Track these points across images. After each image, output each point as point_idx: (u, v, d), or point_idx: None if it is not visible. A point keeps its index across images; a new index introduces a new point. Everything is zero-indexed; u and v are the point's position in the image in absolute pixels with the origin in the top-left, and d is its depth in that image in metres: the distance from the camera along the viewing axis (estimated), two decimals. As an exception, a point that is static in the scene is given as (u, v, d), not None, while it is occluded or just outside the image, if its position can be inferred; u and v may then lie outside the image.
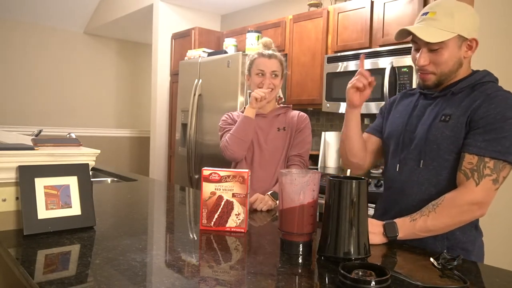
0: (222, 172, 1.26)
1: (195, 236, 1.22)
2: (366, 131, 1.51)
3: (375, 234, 1.15)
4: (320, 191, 1.08)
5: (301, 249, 1.05)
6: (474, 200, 1.13)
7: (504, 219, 2.49)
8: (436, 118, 1.23)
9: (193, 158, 3.74)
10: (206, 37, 4.25)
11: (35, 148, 1.23)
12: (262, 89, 1.77)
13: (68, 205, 1.21)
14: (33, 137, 1.87)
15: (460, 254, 1.14)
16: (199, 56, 3.80)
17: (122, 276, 0.87)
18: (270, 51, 1.83)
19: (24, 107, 5.37)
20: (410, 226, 1.16)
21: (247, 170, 1.26)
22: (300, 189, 1.02)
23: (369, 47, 2.88)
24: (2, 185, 1.17)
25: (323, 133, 3.32)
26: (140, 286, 0.82)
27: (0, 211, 1.17)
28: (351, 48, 3.00)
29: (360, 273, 0.84)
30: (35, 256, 1.00)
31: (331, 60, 3.04)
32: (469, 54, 1.23)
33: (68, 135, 2.43)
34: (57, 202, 1.20)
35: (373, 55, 2.76)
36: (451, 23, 1.17)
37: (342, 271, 0.83)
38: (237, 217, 1.25)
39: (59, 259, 0.98)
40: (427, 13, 1.21)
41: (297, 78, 3.40)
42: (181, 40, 4.38)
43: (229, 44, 3.75)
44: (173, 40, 4.48)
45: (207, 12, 4.81)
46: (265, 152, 1.82)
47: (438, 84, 1.25)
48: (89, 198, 1.25)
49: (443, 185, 1.21)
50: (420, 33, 1.18)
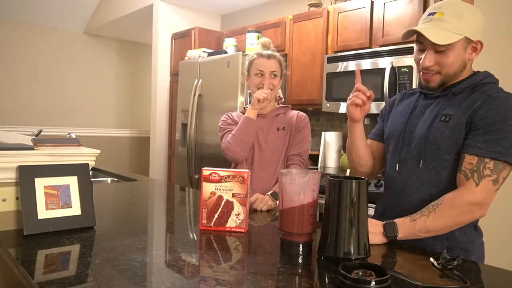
0: (222, 172, 1.26)
1: (195, 236, 1.22)
2: (368, 137, 1.51)
3: (375, 234, 1.15)
4: (320, 191, 1.08)
5: (301, 249, 1.05)
6: (474, 200, 1.13)
7: (504, 220, 2.50)
8: (436, 118, 1.23)
9: (193, 158, 3.74)
10: (206, 37, 4.25)
11: (35, 148, 1.23)
12: (264, 90, 1.77)
13: (68, 205, 1.22)
14: (33, 137, 1.87)
15: (460, 254, 1.14)
16: (199, 56, 3.80)
17: (122, 276, 0.87)
18: (269, 51, 1.83)
19: (24, 107, 5.37)
20: (410, 227, 1.16)
21: (247, 170, 1.26)
22: (300, 189, 1.02)
23: (369, 47, 2.88)
24: (2, 185, 1.17)
25: (323, 133, 3.32)
26: (140, 286, 0.82)
27: (0, 211, 1.17)
28: (351, 48, 3.00)
29: (360, 273, 0.84)
30: (35, 256, 1.00)
31: (331, 60, 3.04)
32: (473, 56, 1.23)
33: (68, 135, 2.43)
34: (57, 202, 1.20)
35: (373, 55, 2.76)
36: (459, 25, 1.16)
37: (342, 271, 0.83)
38: (237, 217, 1.25)
39: (59, 259, 0.98)
40: (434, 13, 1.20)
41: (297, 78, 3.40)
42: (181, 40, 4.38)
43: (229, 44, 3.76)
44: (173, 40, 4.48)
45: (207, 12, 4.81)
46: (265, 152, 1.82)
47: (442, 85, 1.25)
48: (89, 198, 1.25)
49: (443, 185, 1.21)
50: (428, 34, 1.17)
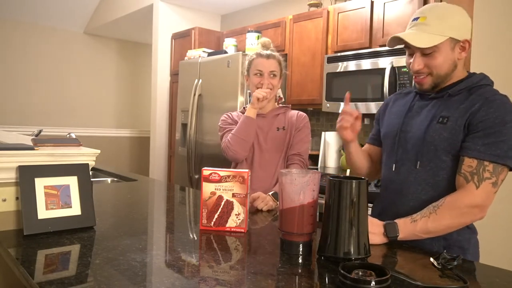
0: (222, 172, 1.26)
1: (195, 236, 1.22)
2: (367, 142, 1.55)
3: (376, 234, 1.15)
4: (320, 191, 1.08)
5: (301, 249, 1.05)
6: (474, 203, 1.14)
7: (502, 219, 2.50)
8: (433, 120, 1.24)
9: (193, 158, 3.74)
10: (206, 37, 4.25)
11: (35, 148, 1.23)
12: (263, 89, 1.77)
13: (68, 205, 1.21)
14: (33, 137, 1.87)
15: (457, 253, 1.17)
16: (199, 56, 3.80)
17: (122, 276, 0.87)
18: (269, 51, 1.83)
19: (24, 107, 5.37)
20: (411, 227, 1.16)
21: (247, 170, 1.26)
22: (300, 189, 1.02)
23: (369, 47, 2.88)
24: (2, 185, 1.17)
25: (323, 133, 3.32)
26: (140, 286, 0.82)
27: (0, 211, 1.17)
28: (351, 48, 2.99)
29: (360, 273, 0.84)
30: (35, 256, 1.00)
31: (331, 60, 3.04)
32: (462, 56, 1.24)
33: (68, 135, 2.43)
34: (57, 202, 1.20)
35: (373, 55, 2.76)
36: (442, 27, 1.19)
37: (342, 271, 0.83)
38: (237, 217, 1.25)
39: (59, 259, 0.98)
40: (418, 18, 1.22)
41: (297, 78, 3.40)
42: (181, 40, 4.38)
43: (229, 44, 3.76)
44: (173, 40, 4.48)
45: (207, 12, 4.81)
46: (265, 152, 1.82)
47: (435, 86, 1.27)
48: (89, 198, 1.25)
49: (440, 186, 1.23)
50: (411, 39, 1.19)
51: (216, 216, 1.26)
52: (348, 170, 2.75)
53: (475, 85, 1.23)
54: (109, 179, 2.51)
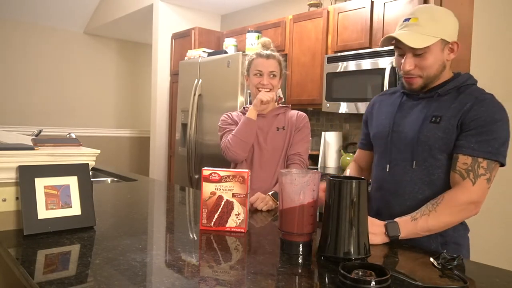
0: (222, 172, 1.26)
1: (195, 236, 1.22)
2: (359, 147, 1.57)
3: (377, 234, 1.15)
4: (320, 191, 1.08)
5: (301, 249, 1.05)
6: (471, 199, 1.17)
7: (497, 218, 2.50)
8: (426, 119, 1.27)
9: (193, 158, 3.74)
10: (206, 37, 4.25)
11: (35, 148, 1.23)
12: (269, 93, 1.77)
13: (68, 205, 1.22)
14: (33, 137, 1.87)
15: (453, 249, 1.23)
16: (199, 56, 3.80)
17: (122, 276, 0.87)
18: (268, 51, 1.83)
19: (24, 107, 5.37)
20: (412, 226, 1.17)
21: (247, 170, 1.26)
22: (300, 189, 1.02)
23: (369, 47, 2.88)
24: (2, 185, 1.17)
25: (323, 133, 3.32)
26: (140, 286, 0.82)
27: (0, 211, 1.17)
28: (351, 48, 3.00)
29: (360, 273, 0.84)
30: (35, 256, 1.00)
31: (331, 60, 3.04)
32: (451, 57, 1.28)
33: (68, 135, 2.43)
34: (57, 202, 1.20)
35: (373, 55, 2.76)
36: (434, 28, 1.21)
37: (342, 271, 0.83)
38: (237, 217, 1.25)
39: (59, 259, 0.98)
40: (409, 19, 1.24)
41: (297, 78, 3.40)
42: (181, 40, 4.38)
43: (229, 44, 3.76)
44: (173, 40, 4.49)
45: (207, 12, 4.81)
46: (264, 152, 1.82)
47: (424, 87, 1.30)
48: (89, 198, 1.25)
49: (436, 184, 1.25)
50: (406, 40, 1.21)
51: (216, 216, 1.26)
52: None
53: (462, 84, 1.27)
54: (109, 179, 2.51)
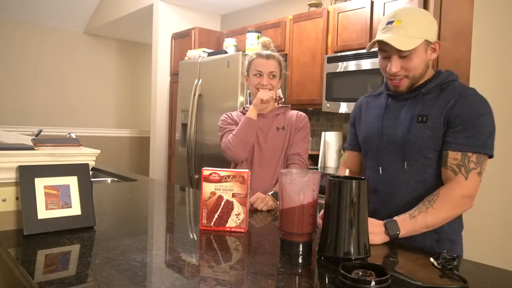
0: (222, 172, 1.26)
1: (195, 236, 1.22)
2: (348, 149, 1.57)
3: (377, 234, 1.16)
4: (320, 191, 1.08)
5: (301, 249, 1.05)
6: (465, 193, 1.19)
7: (497, 217, 2.49)
8: (413, 120, 1.29)
9: (193, 158, 3.74)
10: (206, 37, 4.25)
11: (35, 148, 1.23)
12: (268, 92, 1.77)
13: (68, 205, 1.22)
14: (33, 137, 1.87)
15: (448, 246, 1.25)
16: (199, 56, 3.80)
17: (122, 276, 0.87)
18: (268, 52, 1.83)
19: (24, 107, 5.37)
20: (411, 223, 1.18)
21: (247, 170, 1.26)
22: (300, 189, 1.02)
23: (369, 47, 2.88)
24: (2, 185, 1.17)
25: (323, 133, 3.32)
26: (140, 286, 0.82)
27: (0, 211, 1.17)
28: (351, 48, 2.99)
29: (360, 273, 0.84)
30: (35, 256, 1.00)
31: (331, 60, 3.04)
32: (433, 57, 1.30)
33: (68, 135, 2.43)
34: (57, 202, 1.20)
35: (373, 55, 2.76)
36: (418, 30, 1.23)
37: (342, 271, 0.83)
38: (237, 217, 1.25)
39: (59, 259, 0.98)
40: (392, 21, 1.25)
41: (297, 78, 3.40)
42: (181, 40, 4.38)
43: (229, 44, 3.76)
44: (173, 40, 4.48)
45: (207, 12, 4.81)
46: (264, 152, 1.82)
47: (410, 87, 1.31)
48: (89, 198, 1.25)
49: (428, 182, 1.28)
50: (393, 42, 1.22)
51: (216, 216, 1.26)
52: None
53: (444, 81, 1.29)
54: (109, 179, 2.51)
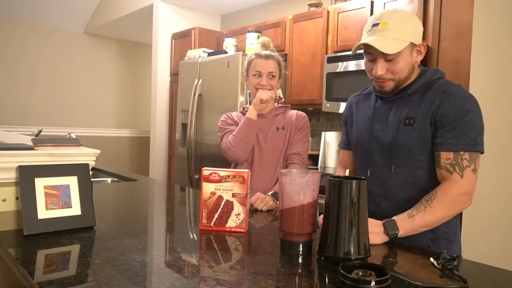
0: (222, 172, 1.26)
1: (195, 236, 1.22)
2: (342, 147, 1.57)
3: (376, 234, 1.16)
4: (320, 191, 1.08)
5: (301, 249, 1.05)
6: (463, 191, 1.19)
7: (497, 217, 2.49)
8: (400, 123, 1.28)
9: (193, 158, 3.74)
10: (206, 37, 4.25)
11: (35, 148, 1.23)
12: (267, 92, 1.77)
13: (68, 205, 1.22)
14: (33, 137, 1.87)
15: (444, 245, 1.25)
16: (199, 56, 3.80)
17: (122, 276, 0.87)
18: (268, 52, 1.83)
19: (24, 107, 5.37)
20: (409, 223, 1.18)
21: (247, 170, 1.26)
22: (300, 189, 1.02)
23: (369, 47, 2.88)
24: (2, 185, 1.17)
25: (323, 133, 3.32)
26: (140, 286, 0.82)
27: (0, 211, 1.17)
28: (351, 48, 2.99)
29: (360, 273, 0.84)
30: (35, 256, 1.00)
31: (331, 60, 3.04)
32: (419, 59, 1.30)
33: (68, 135, 2.43)
34: (57, 202, 1.20)
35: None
36: (403, 32, 1.22)
37: (342, 271, 0.83)
38: (237, 217, 1.25)
39: (59, 259, 0.98)
40: (378, 24, 1.24)
41: (297, 78, 3.39)
42: (181, 40, 4.38)
43: (229, 44, 3.75)
44: (173, 40, 4.48)
45: (207, 12, 4.81)
46: (264, 151, 1.82)
47: (396, 89, 1.31)
48: (89, 198, 1.25)
49: (421, 183, 1.28)
50: (379, 46, 1.22)
51: (216, 216, 1.26)
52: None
53: (429, 80, 1.29)
54: (109, 179, 2.51)
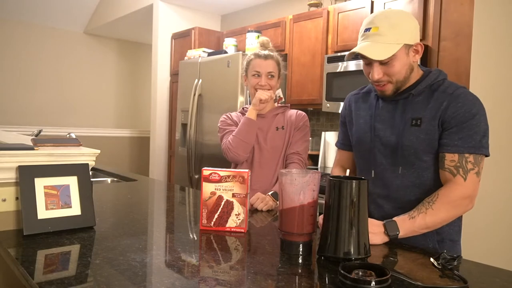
0: (222, 172, 1.26)
1: (195, 236, 1.22)
2: (339, 147, 1.56)
3: (376, 234, 1.16)
4: (320, 191, 1.08)
5: (301, 249, 1.05)
6: (465, 194, 1.19)
7: (497, 217, 2.49)
8: (406, 124, 1.27)
9: (193, 158, 3.74)
10: (206, 37, 4.25)
11: (35, 148, 1.23)
12: (266, 92, 1.77)
13: (68, 205, 1.21)
14: (33, 137, 1.87)
15: (449, 246, 1.26)
16: (199, 56, 3.80)
17: (122, 276, 0.87)
18: (266, 52, 1.82)
19: (24, 107, 5.37)
20: (410, 224, 1.18)
21: (247, 170, 1.26)
22: (300, 189, 1.02)
23: (369, 47, 2.87)
24: (2, 185, 1.17)
25: (323, 133, 3.32)
26: (140, 286, 0.82)
27: (0, 211, 1.17)
28: (351, 48, 2.96)
29: (360, 273, 0.84)
30: (35, 256, 1.00)
31: (331, 60, 3.04)
32: (417, 58, 1.28)
33: (68, 135, 2.43)
34: (57, 202, 1.20)
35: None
36: (396, 34, 1.20)
37: (342, 271, 0.83)
38: (237, 217, 1.25)
39: (59, 259, 0.98)
40: (370, 29, 1.23)
41: (297, 78, 3.39)
42: (181, 40, 4.38)
43: (229, 44, 3.75)
44: (173, 40, 4.48)
45: (207, 12, 4.81)
46: (264, 151, 1.82)
47: (396, 91, 1.29)
48: (89, 198, 1.25)
49: (426, 185, 1.27)
50: (369, 53, 1.20)
51: (216, 216, 1.26)
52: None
53: (434, 82, 1.28)
54: (109, 179, 2.51)
